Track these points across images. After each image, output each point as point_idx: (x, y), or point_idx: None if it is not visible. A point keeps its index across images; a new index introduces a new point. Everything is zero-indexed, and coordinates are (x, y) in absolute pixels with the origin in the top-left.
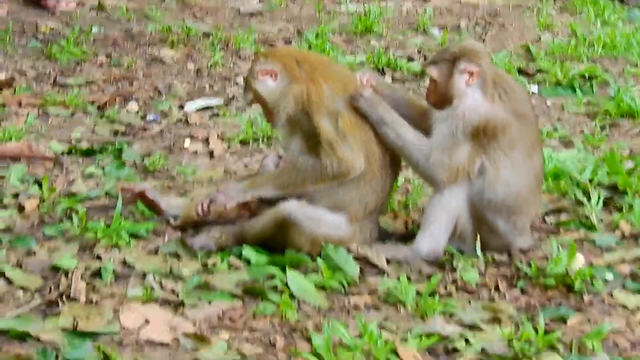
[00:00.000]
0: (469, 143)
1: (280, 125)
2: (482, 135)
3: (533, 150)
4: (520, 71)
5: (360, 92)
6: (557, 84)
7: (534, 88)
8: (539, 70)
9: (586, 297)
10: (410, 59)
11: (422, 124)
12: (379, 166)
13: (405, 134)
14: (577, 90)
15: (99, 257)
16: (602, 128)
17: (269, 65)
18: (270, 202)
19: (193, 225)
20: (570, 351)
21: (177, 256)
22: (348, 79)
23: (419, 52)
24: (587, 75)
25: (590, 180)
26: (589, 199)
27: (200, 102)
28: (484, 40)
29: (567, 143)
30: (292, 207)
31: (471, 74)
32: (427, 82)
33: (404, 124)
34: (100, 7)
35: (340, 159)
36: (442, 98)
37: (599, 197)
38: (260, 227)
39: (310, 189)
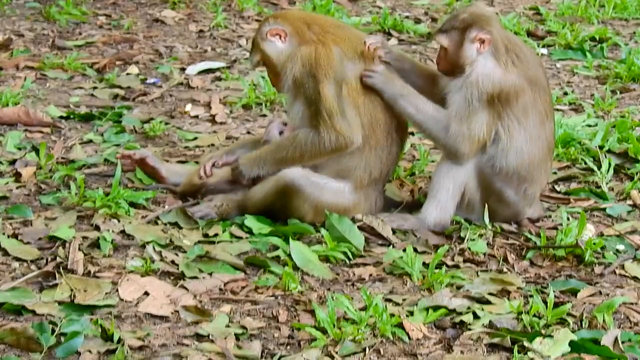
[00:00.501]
0: (485, 111)
1: (285, 89)
2: (496, 102)
3: (546, 118)
4: (530, 33)
5: (373, 68)
6: (567, 47)
7: (544, 51)
8: (549, 33)
9: (597, 269)
10: (417, 21)
11: (432, 90)
12: (384, 133)
13: (422, 107)
14: (587, 53)
15: (97, 227)
16: (613, 92)
17: (279, 25)
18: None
19: (195, 192)
20: (581, 325)
21: (177, 226)
22: (359, 42)
23: (426, 13)
24: (597, 38)
25: (601, 147)
26: (599, 166)
27: (202, 65)
28: (492, 2)
29: (577, 108)
30: (294, 174)
31: (482, 41)
32: (434, 45)
33: (420, 97)
34: None
35: (338, 132)
36: (453, 66)
37: (609, 165)
38: (263, 195)
39: (308, 163)
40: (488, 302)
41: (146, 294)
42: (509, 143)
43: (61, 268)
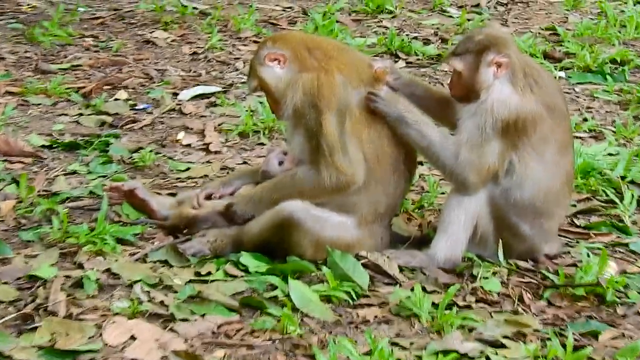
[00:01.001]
0: (499, 139)
1: (285, 117)
2: (512, 131)
3: (565, 147)
4: (546, 55)
5: (376, 92)
6: (586, 70)
7: (561, 74)
8: (567, 54)
9: (619, 309)
10: (426, 42)
11: (444, 115)
12: (391, 166)
13: (429, 132)
14: (608, 76)
15: (81, 266)
16: (636, 118)
17: (278, 49)
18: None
19: (186, 225)
20: None
21: (167, 264)
22: (364, 67)
23: (436, 34)
24: (618, 60)
25: (623, 178)
26: (621, 198)
27: (196, 90)
28: (506, 21)
29: (597, 135)
30: (294, 207)
31: (499, 65)
32: (444, 67)
33: (427, 121)
34: None
35: (339, 170)
36: (467, 91)
37: (632, 197)
38: (259, 230)
39: (308, 201)
40: (502, 346)
41: (133, 338)
42: (524, 174)
43: (41, 310)
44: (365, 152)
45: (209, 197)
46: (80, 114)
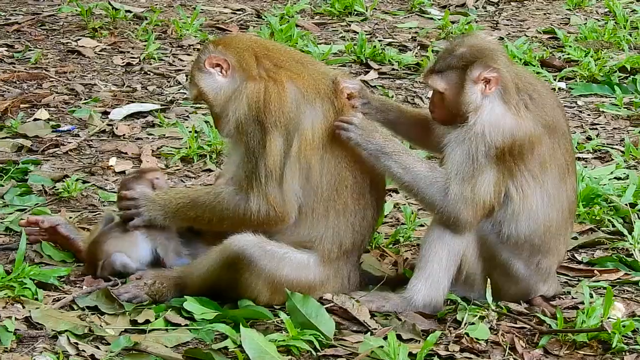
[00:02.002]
0: (494, 168)
1: (227, 133)
2: (508, 157)
3: (566, 171)
4: (544, 63)
5: (349, 119)
6: (590, 80)
7: (562, 85)
8: (568, 62)
9: (627, 358)
10: (402, 49)
11: (425, 140)
12: (354, 195)
13: (413, 166)
14: (616, 87)
15: None
16: None
17: (220, 54)
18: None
19: (94, 253)
20: None
21: (98, 311)
22: (324, 80)
23: (414, 39)
24: (628, 68)
25: (632, 205)
26: (630, 229)
27: (130, 108)
28: (496, 24)
29: (602, 156)
30: (246, 242)
31: (488, 81)
32: (428, 91)
33: (409, 153)
34: None
35: (269, 203)
36: (451, 112)
37: None
38: (205, 270)
39: (226, 230)
40: None
41: None
42: (521, 205)
43: None
44: (319, 180)
45: None
46: None
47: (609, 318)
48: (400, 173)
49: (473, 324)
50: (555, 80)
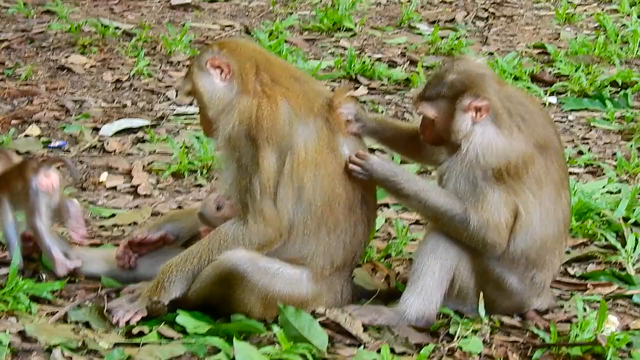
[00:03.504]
0: (495, 189)
1: (218, 143)
2: (505, 177)
3: (561, 187)
4: (534, 78)
5: (362, 163)
6: (581, 94)
7: (552, 100)
8: (559, 77)
9: None
10: (391, 64)
11: (421, 153)
12: (345, 211)
13: (432, 199)
14: (608, 101)
15: None
16: None
17: (224, 57)
18: None
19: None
20: None
21: (91, 325)
22: (318, 99)
23: (403, 54)
24: (619, 82)
25: (625, 219)
26: (623, 243)
27: (121, 124)
28: (486, 39)
29: (594, 170)
30: (238, 258)
31: (478, 109)
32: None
33: (427, 186)
34: None
35: (266, 221)
36: (441, 136)
37: (636, 241)
38: (199, 286)
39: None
40: None
41: None
42: (521, 222)
43: None
44: (312, 197)
45: (133, 245)
46: None
47: (602, 332)
48: (421, 209)
49: (466, 337)
50: (545, 95)
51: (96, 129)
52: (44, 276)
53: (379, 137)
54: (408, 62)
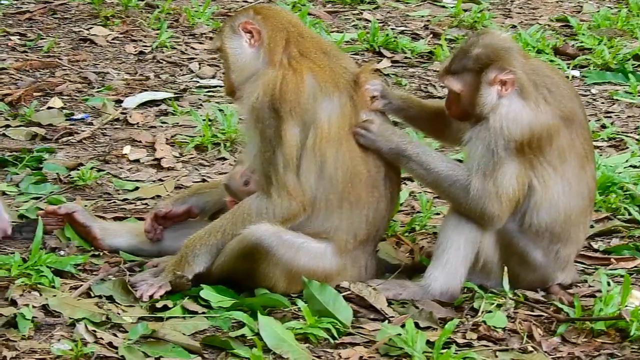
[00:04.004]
0: (514, 161)
1: (242, 112)
2: (527, 150)
3: (586, 160)
4: (557, 51)
5: (366, 126)
6: (604, 68)
7: (575, 73)
8: (581, 50)
9: None
10: (415, 37)
11: (446, 132)
12: (367, 188)
13: (433, 166)
14: (630, 75)
15: (13, 302)
16: None
17: (257, 23)
18: None
19: None
20: None
21: (115, 299)
22: (345, 74)
23: (426, 27)
24: None
25: None
26: None
27: (143, 96)
28: (509, 12)
29: (617, 144)
30: (263, 232)
31: (504, 83)
32: (437, 67)
33: (429, 152)
34: None
35: (290, 195)
36: (467, 110)
37: None
38: (223, 260)
39: None
40: None
41: None
42: (543, 195)
43: None
44: (334, 173)
45: (159, 218)
46: (7, 126)
47: (626, 306)
48: (423, 174)
49: (490, 312)
50: (568, 68)
51: (119, 102)
52: (65, 252)
53: (403, 115)
54: (431, 35)
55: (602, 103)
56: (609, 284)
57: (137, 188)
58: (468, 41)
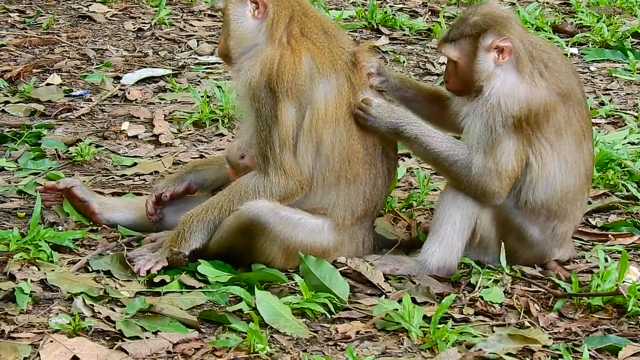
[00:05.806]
0: (513, 137)
1: (238, 88)
2: (525, 126)
3: (583, 137)
4: (556, 29)
5: (366, 106)
6: (603, 45)
7: (574, 50)
8: (580, 27)
9: None
10: (413, 14)
11: (442, 115)
12: (364, 165)
13: (433, 145)
14: (629, 52)
15: (12, 277)
16: None
17: None
18: None
19: None
20: None
21: (113, 274)
22: (342, 53)
23: (424, 5)
24: None
25: None
26: None
27: (142, 73)
28: None
29: (616, 121)
30: (260, 208)
31: (501, 50)
32: (434, 43)
33: (430, 131)
34: None
35: (287, 174)
36: (465, 83)
37: None
38: (220, 236)
39: None
40: None
41: (75, 358)
42: (539, 172)
43: None
44: (330, 152)
45: (160, 200)
46: (7, 102)
47: (624, 282)
48: (423, 154)
49: (487, 287)
50: (567, 45)
51: (117, 78)
52: (63, 227)
53: (400, 95)
54: (429, 13)
55: (601, 80)
56: (606, 260)
57: (135, 164)
58: (467, 10)
